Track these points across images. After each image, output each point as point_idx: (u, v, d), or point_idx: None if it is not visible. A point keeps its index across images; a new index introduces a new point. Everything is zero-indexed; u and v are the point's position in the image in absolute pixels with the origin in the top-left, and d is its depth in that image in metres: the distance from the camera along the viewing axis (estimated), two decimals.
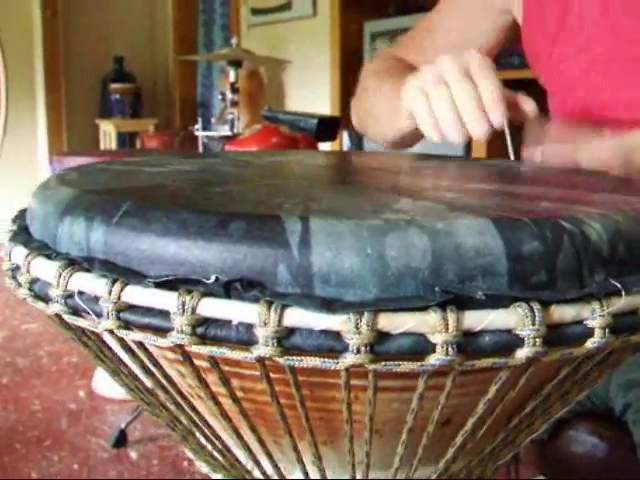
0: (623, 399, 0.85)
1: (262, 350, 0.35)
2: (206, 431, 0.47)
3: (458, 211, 0.43)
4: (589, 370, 0.44)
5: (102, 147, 4.23)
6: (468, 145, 2.41)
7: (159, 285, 0.37)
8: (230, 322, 0.36)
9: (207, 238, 0.38)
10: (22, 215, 0.54)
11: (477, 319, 0.36)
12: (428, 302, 0.36)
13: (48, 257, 0.43)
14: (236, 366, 0.43)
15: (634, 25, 0.85)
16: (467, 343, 0.36)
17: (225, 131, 2.10)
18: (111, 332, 0.39)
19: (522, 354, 0.37)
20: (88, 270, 0.41)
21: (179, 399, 0.45)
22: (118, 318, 0.38)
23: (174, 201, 0.45)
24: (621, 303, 0.40)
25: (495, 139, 0.64)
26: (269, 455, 0.46)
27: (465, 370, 0.40)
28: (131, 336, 0.38)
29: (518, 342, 0.37)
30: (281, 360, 0.35)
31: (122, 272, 0.39)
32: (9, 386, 2.30)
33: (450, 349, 0.35)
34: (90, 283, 0.40)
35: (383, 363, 0.35)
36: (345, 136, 2.69)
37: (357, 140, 2.81)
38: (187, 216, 0.39)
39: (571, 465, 0.98)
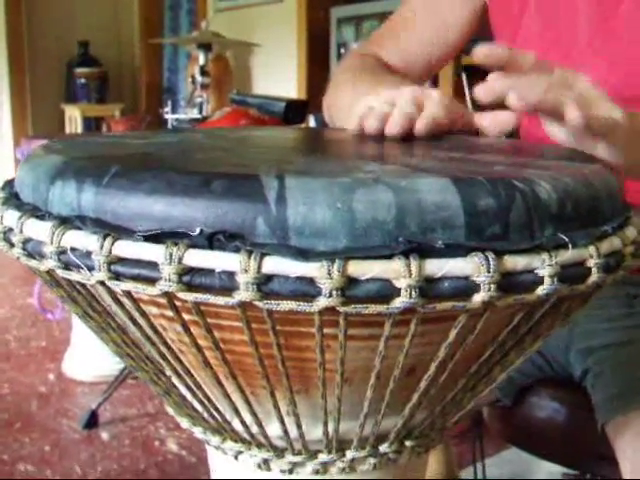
0: (583, 364, 0.90)
1: (243, 295, 0.39)
2: (188, 381, 0.51)
3: (420, 172, 0.47)
4: (541, 318, 0.49)
5: (68, 132, 4.20)
6: None
7: (148, 239, 0.41)
8: (213, 271, 0.39)
9: (192, 195, 0.41)
10: (8, 184, 0.56)
11: (437, 266, 0.40)
12: (393, 251, 0.40)
13: (40, 218, 0.46)
14: (216, 317, 0.46)
15: (593, 6, 0.89)
16: (428, 288, 0.40)
17: (194, 114, 2.12)
18: (102, 284, 0.42)
19: (478, 298, 0.41)
20: (79, 228, 0.44)
21: (164, 349, 0.48)
22: (109, 270, 0.41)
23: (160, 164, 0.48)
24: (568, 255, 0.44)
25: None
26: (247, 402, 0.50)
27: (427, 317, 0.44)
28: (121, 286, 0.41)
29: (475, 288, 0.41)
30: (260, 304, 0.39)
31: (112, 228, 0.42)
32: None
33: (413, 292, 0.39)
34: (82, 239, 0.43)
35: (353, 306, 0.39)
36: (312, 120, 2.72)
37: (324, 124, 2.84)
38: (173, 176, 0.42)
39: (534, 430, 1.03)
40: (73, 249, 0.43)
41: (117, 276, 0.41)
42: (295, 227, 0.40)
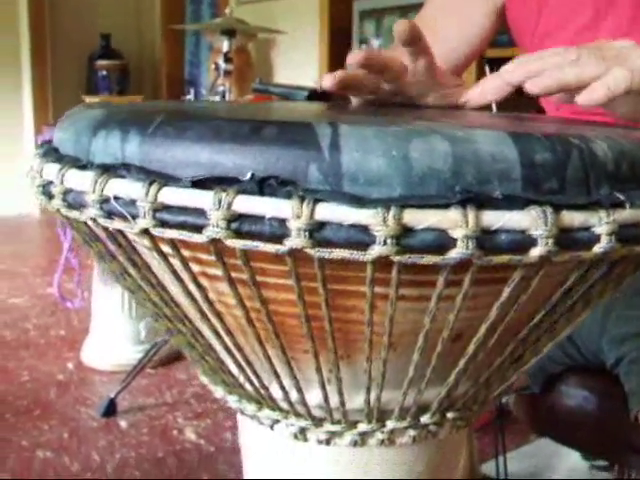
0: (616, 352, 0.88)
1: (294, 242, 0.37)
2: (228, 342, 0.49)
3: (475, 127, 0.45)
4: (594, 282, 0.47)
5: None
6: None
7: (195, 185, 0.40)
8: (263, 217, 0.38)
9: (241, 142, 0.40)
10: (46, 143, 0.55)
11: (494, 218, 0.39)
12: (450, 200, 0.38)
13: (82, 168, 0.45)
14: (262, 274, 0.45)
15: None
16: (485, 240, 0.38)
17: None
18: (146, 232, 0.41)
19: (536, 252, 0.39)
20: (123, 177, 0.43)
21: (205, 307, 0.47)
22: (154, 218, 0.40)
23: (206, 115, 0.47)
24: (626, 214, 0.43)
25: None
26: (288, 365, 0.49)
27: (479, 278, 0.42)
28: (166, 234, 0.40)
29: (532, 242, 0.39)
30: (312, 252, 0.38)
31: (158, 176, 0.41)
32: None
33: (470, 243, 0.38)
34: (126, 187, 0.42)
35: (408, 255, 0.38)
36: None
37: None
38: (221, 123, 0.41)
39: (562, 419, 1.01)
40: (116, 197, 0.42)
41: (162, 224, 0.40)
42: (349, 174, 0.39)
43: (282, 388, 0.52)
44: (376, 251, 0.37)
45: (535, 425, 1.09)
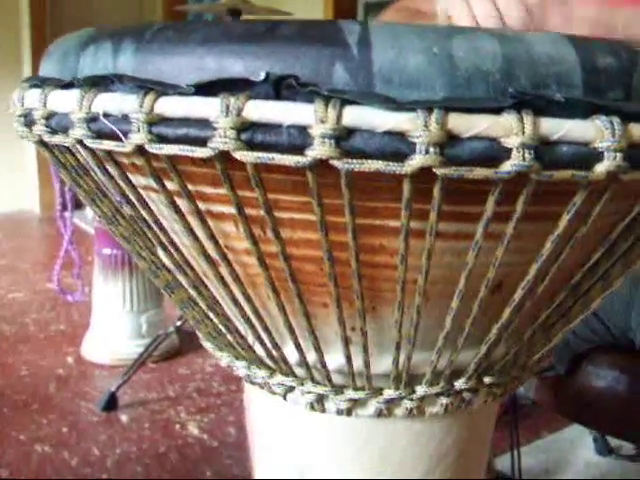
0: None
1: (318, 151, 0.31)
2: (236, 292, 0.43)
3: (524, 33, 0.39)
4: None
5: None
6: None
7: (199, 91, 0.33)
8: (280, 126, 0.32)
9: (254, 42, 0.34)
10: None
11: (555, 126, 0.32)
12: (502, 104, 0.32)
13: (67, 87, 0.39)
14: (275, 208, 0.39)
15: None
16: (544, 152, 0.32)
17: None
18: (141, 151, 0.35)
19: (602, 168, 0.33)
20: (114, 92, 0.36)
21: (210, 248, 0.41)
22: (150, 132, 0.34)
23: (213, 22, 0.41)
24: None
25: None
26: (306, 317, 0.43)
27: (529, 212, 0.36)
28: (165, 150, 0.34)
29: (597, 156, 0.33)
30: (339, 163, 0.31)
31: (155, 84, 0.35)
32: None
33: (527, 154, 0.32)
34: (117, 101, 0.35)
35: (454, 168, 0.31)
36: None
37: None
38: (229, 25, 0.35)
39: (591, 401, 0.95)
40: (106, 115, 0.36)
41: (160, 139, 0.34)
42: (381, 74, 0.32)
43: (298, 347, 0.46)
44: (417, 161, 0.31)
45: (561, 408, 1.03)
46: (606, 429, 0.99)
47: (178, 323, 2.05)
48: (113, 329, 2.18)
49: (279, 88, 0.32)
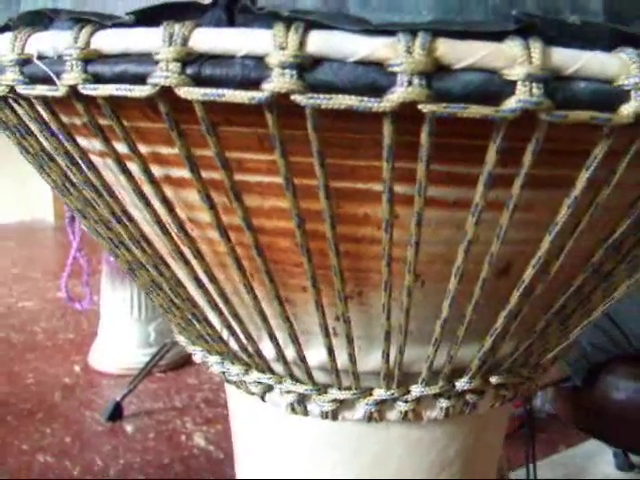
0: None
1: (276, 83, 0.25)
2: (200, 274, 0.37)
3: None
4: None
5: None
6: None
7: (142, 22, 0.28)
8: (233, 57, 0.26)
9: None
10: None
11: (569, 57, 0.26)
12: (503, 28, 0.26)
13: (3, 31, 0.34)
14: (239, 170, 0.33)
15: None
16: (557, 87, 0.26)
17: None
18: (75, 92, 0.29)
19: (629, 109, 0.27)
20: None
21: (167, 219, 0.35)
22: (85, 71, 0.28)
23: None
24: None
25: None
26: (281, 305, 0.37)
27: (537, 175, 0.30)
28: (100, 91, 0.28)
29: (623, 95, 0.27)
30: (302, 99, 0.25)
31: (93, 16, 0.29)
32: (2, 360, 2.21)
33: (535, 88, 0.25)
34: (53, 39, 0.30)
35: (444, 105, 0.25)
36: None
37: None
38: None
39: (610, 413, 0.89)
40: (42, 56, 0.30)
41: (95, 78, 0.28)
42: None
43: (272, 338, 0.39)
44: (398, 95, 0.25)
45: (577, 421, 0.96)
46: (627, 445, 0.93)
47: None
48: (121, 337, 2.14)
49: (232, 13, 0.27)
